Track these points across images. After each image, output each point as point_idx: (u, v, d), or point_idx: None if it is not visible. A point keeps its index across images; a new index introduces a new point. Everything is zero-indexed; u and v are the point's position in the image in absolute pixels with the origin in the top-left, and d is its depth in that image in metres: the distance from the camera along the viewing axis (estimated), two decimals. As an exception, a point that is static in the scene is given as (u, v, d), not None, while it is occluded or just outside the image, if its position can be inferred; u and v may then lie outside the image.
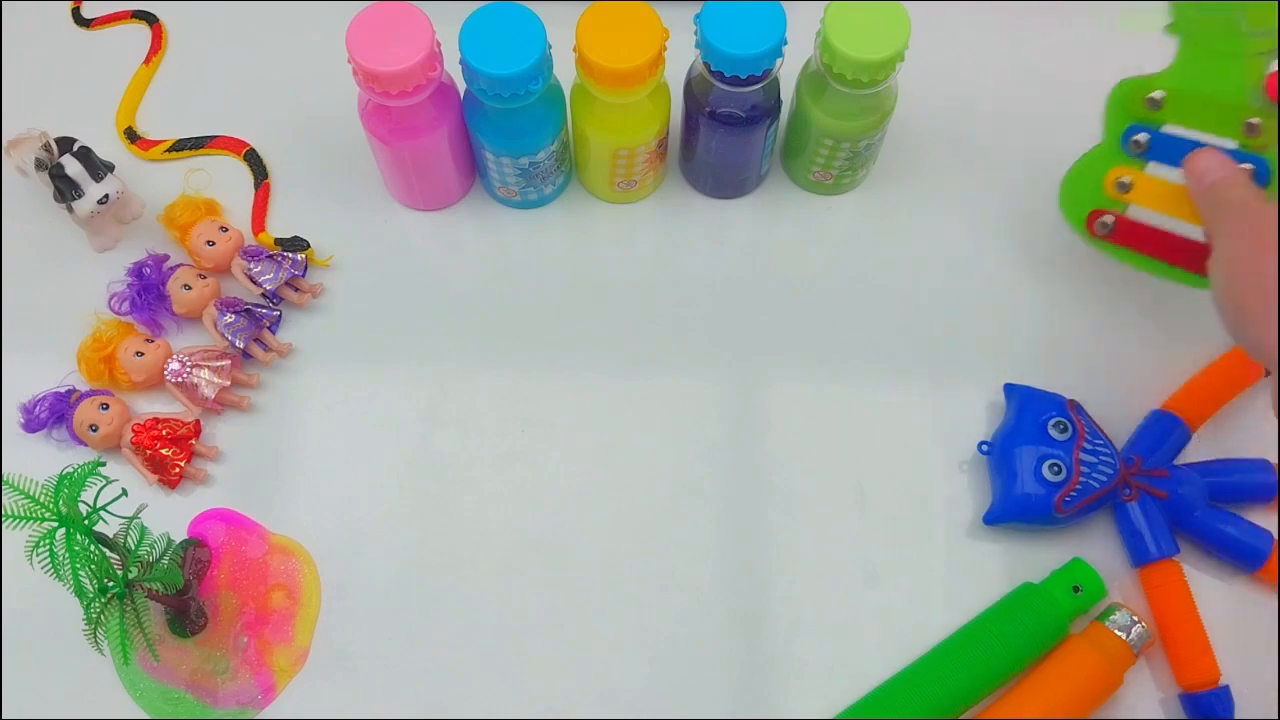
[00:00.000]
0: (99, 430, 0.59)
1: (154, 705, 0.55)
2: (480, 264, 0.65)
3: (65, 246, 0.64)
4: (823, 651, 0.57)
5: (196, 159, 0.67)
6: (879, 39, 0.55)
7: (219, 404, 0.60)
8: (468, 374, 0.62)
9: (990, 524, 0.58)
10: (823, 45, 0.57)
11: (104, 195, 0.61)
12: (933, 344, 0.63)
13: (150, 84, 0.69)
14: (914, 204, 0.66)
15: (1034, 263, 0.64)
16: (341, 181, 0.66)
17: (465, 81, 0.57)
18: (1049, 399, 0.59)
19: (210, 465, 0.60)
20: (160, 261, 0.62)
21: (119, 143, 0.67)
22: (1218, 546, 0.57)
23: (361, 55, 0.54)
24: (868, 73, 0.56)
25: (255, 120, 0.67)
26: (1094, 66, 0.60)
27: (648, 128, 0.60)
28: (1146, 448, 0.58)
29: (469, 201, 0.66)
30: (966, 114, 0.68)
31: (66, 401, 0.60)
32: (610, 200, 0.66)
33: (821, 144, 0.61)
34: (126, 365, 0.60)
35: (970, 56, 0.69)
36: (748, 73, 0.56)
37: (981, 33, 0.70)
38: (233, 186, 0.66)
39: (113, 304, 0.62)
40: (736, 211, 0.66)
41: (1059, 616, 0.55)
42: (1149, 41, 0.57)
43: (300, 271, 0.63)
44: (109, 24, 0.71)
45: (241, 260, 0.62)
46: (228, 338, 0.60)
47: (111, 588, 0.49)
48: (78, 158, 0.61)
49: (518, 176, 0.62)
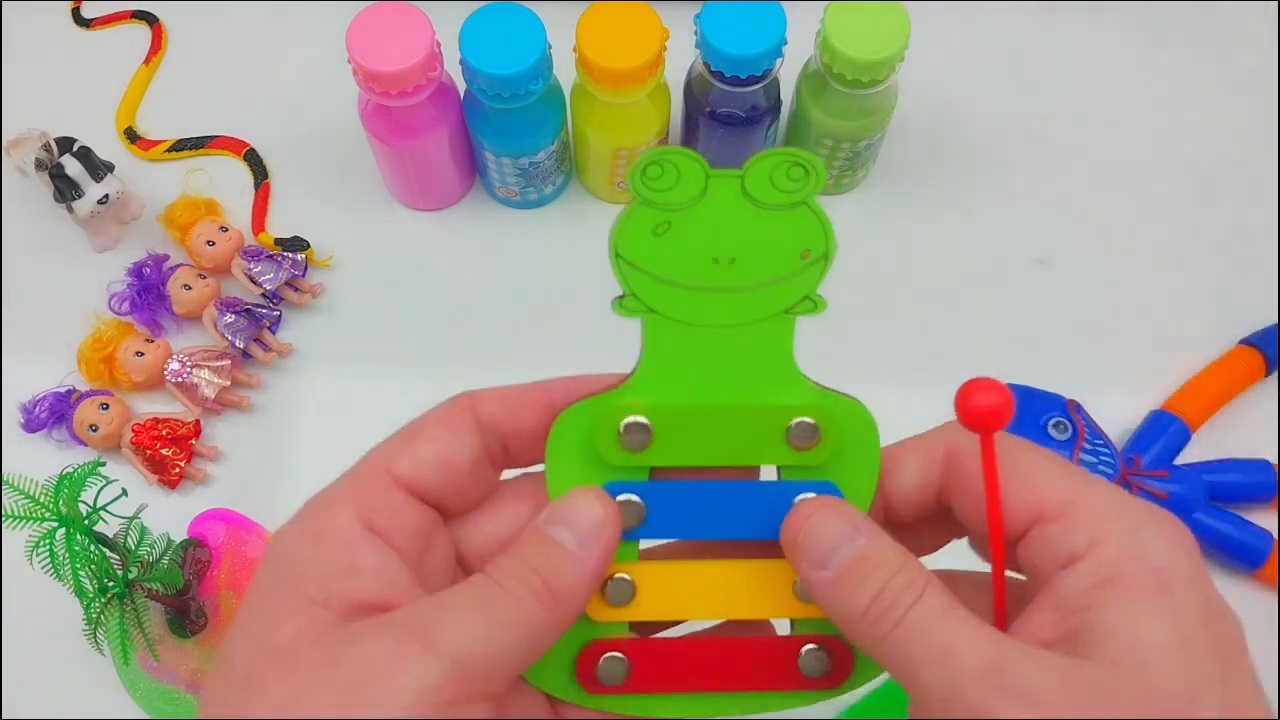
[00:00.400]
0: (99, 430, 0.59)
1: (154, 705, 0.55)
2: (480, 264, 0.65)
3: (65, 246, 0.64)
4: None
5: (196, 159, 0.67)
6: (879, 39, 0.55)
7: (219, 404, 0.60)
8: (468, 374, 0.61)
9: (990, 524, 0.58)
10: (822, 45, 0.57)
11: (104, 195, 0.61)
12: (933, 344, 0.63)
13: (150, 84, 0.69)
14: (914, 204, 0.66)
15: (1034, 262, 0.64)
16: (341, 182, 0.66)
17: (465, 81, 0.57)
18: (1049, 399, 0.59)
19: (210, 465, 0.60)
20: (160, 261, 0.62)
21: (119, 143, 0.67)
22: (1218, 546, 0.57)
23: (361, 55, 0.54)
24: (867, 73, 0.56)
25: (255, 120, 0.67)
26: (1095, 66, 0.60)
27: (648, 128, 0.60)
28: (1146, 448, 0.58)
29: (469, 201, 0.66)
30: (966, 114, 0.68)
31: (66, 401, 0.60)
32: (610, 200, 0.66)
33: (821, 144, 0.61)
34: (126, 365, 0.60)
35: (970, 57, 0.69)
36: (747, 73, 0.56)
37: (982, 33, 0.70)
38: (233, 186, 0.66)
39: (113, 304, 0.62)
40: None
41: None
42: (1151, 42, 0.57)
43: (300, 271, 0.63)
44: (109, 24, 0.71)
45: (241, 260, 0.62)
46: (228, 338, 0.60)
47: (111, 588, 0.49)
48: (78, 158, 0.61)
49: (518, 176, 0.62)
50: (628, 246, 0.33)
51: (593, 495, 0.33)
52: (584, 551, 0.32)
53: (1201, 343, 0.61)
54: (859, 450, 0.34)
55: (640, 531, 0.34)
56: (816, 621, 0.34)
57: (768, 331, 0.34)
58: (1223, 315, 0.62)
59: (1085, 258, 0.63)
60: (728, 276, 0.33)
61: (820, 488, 0.34)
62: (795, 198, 0.33)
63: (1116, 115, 0.68)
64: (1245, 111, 0.68)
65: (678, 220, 0.32)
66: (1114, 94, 0.68)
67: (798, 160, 0.32)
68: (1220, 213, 0.65)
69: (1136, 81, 0.69)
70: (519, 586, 0.31)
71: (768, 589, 0.35)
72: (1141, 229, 0.65)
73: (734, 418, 0.34)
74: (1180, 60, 0.69)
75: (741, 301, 0.33)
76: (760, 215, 0.33)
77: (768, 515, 0.34)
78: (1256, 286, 0.63)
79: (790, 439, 0.34)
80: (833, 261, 0.34)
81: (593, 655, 0.34)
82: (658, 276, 0.33)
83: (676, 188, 0.32)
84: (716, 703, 0.35)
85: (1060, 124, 0.67)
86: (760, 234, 0.33)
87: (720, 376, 0.34)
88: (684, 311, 0.33)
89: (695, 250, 0.33)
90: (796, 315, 0.34)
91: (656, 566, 0.35)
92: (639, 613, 0.34)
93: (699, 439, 0.34)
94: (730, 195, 0.32)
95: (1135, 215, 0.65)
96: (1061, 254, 0.64)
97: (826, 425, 0.34)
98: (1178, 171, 0.66)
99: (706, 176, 0.32)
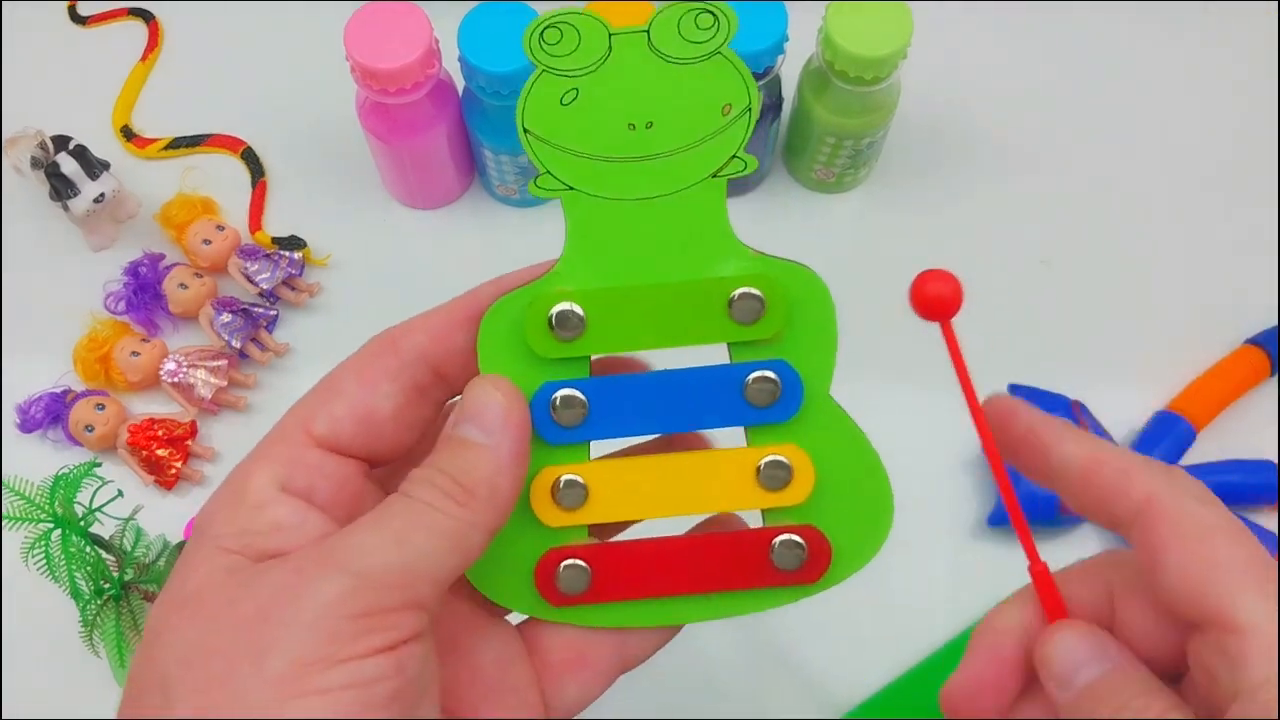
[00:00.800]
0: (95, 431, 0.58)
1: (150, 708, 0.55)
2: (479, 263, 0.64)
3: (61, 245, 0.64)
4: (824, 653, 0.56)
5: (193, 157, 0.67)
6: (881, 35, 0.55)
7: (215, 404, 0.60)
8: (467, 374, 0.62)
9: (994, 525, 0.57)
10: (825, 42, 0.56)
11: (100, 194, 0.61)
12: (934, 343, 0.62)
13: (146, 81, 0.68)
14: (916, 202, 0.65)
15: (1037, 261, 0.64)
16: (339, 180, 0.66)
17: (464, 79, 0.57)
18: (1053, 399, 0.58)
19: (207, 466, 0.60)
20: (156, 260, 0.62)
21: (115, 141, 0.66)
22: (1223, 548, 0.57)
23: (359, 52, 0.54)
24: (870, 69, 0.55)
25: (252, 118, 0.67)
26: (1096, 65, 0.60)
27: (648, 125, 0.59)
28: (1151, 448, 0.58)
29: (468, 200, 0.66)
30: (969, 112, 0.67)
31: (62, 402, 0.59)
32: (610, 199, 0.65)
33: (823, 142, 0.61)
34: (122, 365, 0.59)
35: (973, 54, 0.69)
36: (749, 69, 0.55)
37: (985, 30, 0.69)
38: (229, 185, 0.65)
39: (109, 303, 0.62)
40: (737, 210, 0.64)
41: (1062, 618, 0.54)
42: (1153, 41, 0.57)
43: (297, 270, 0.62)
44: (105, 21, 0.70)
45: (238, 259, 0.62)
46: (224, 337, 0.60)
47: (107, 589, 0.49)
48: (73, 156, 0.60)
49: (517, 175, 0.62)
50: (535, 120, 0.31)
51: (488, 383, 0.32)
52: (491, 439, 0.31)
53: (1206, 343, 0.61)
54: (812, 321, 0.33)
55: (584, 430, 0.33)
56: (790, 510, 0.33)
57: (697, 198, 0.32)
58: (1228, 315, 0.62)
59: (1089, 257, 0.63)
60: (646, 142, 0.31)
61: (773, 366, 0.32)
62: (707, 48, 0.31)
63: (1120, 113, 0.67)
64: (1249, 109, 0.68)
65: (585, 86, 0.31)
66: (1117, 92, 0.68)
67: (705, 8, 0.30)
68: (1225, 212, 0.65)
69: (1140, 79, 0.68)
70: (427, 491, 0.30)
71: (731, 480, 0.33)
72: (1146, 227, 0.65)
73: (670, 295, 0.32)
74: (1185, 58, 0.69)
75: (665, 168, 0.31)
76: (673, 71, 0.31)
77: (723, 401, 0.32)
78: (1262, 286, 0.63)
79: (734, 313, 0.32)
80: (757, 115, 0.32)
81: (551, 564, 0.33)
82: (572, 149, 0.31)
83: (578, 51, 0.30)
84: (687, 607, 0.34)
85: (1063, 122, 0.67)
86: (675, 92, 0.31)
87: (652, 253, 0.32)
88: (605, 185, 0.31)
89: (608, 117, 0.31)
90: (726, 177, 0.32)
91: (608, 465, 0.33)
92: (594, 515, 0.33)
93: (635, 322, 0.32)
94: (638, 53, 0.31)
95: (1139, 214, 0.65)
96: (1065, 253, 0.64)
97: (772, 295, 0.32)
98: (1183, 170, 0.66)
99: (609, 35, 0.30)
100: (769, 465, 0.33)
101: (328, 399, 0.33)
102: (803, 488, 0.33)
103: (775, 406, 0.33)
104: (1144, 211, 0.65)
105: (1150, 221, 0.65)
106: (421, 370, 0.33)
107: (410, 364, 0.33)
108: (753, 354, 0.33)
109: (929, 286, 0.31)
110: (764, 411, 0.33)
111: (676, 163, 0.31)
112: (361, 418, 0.33)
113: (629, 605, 0.33)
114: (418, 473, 0.31)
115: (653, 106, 0.31)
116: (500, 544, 0.32)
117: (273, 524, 0.31)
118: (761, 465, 0.33)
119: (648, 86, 0.31)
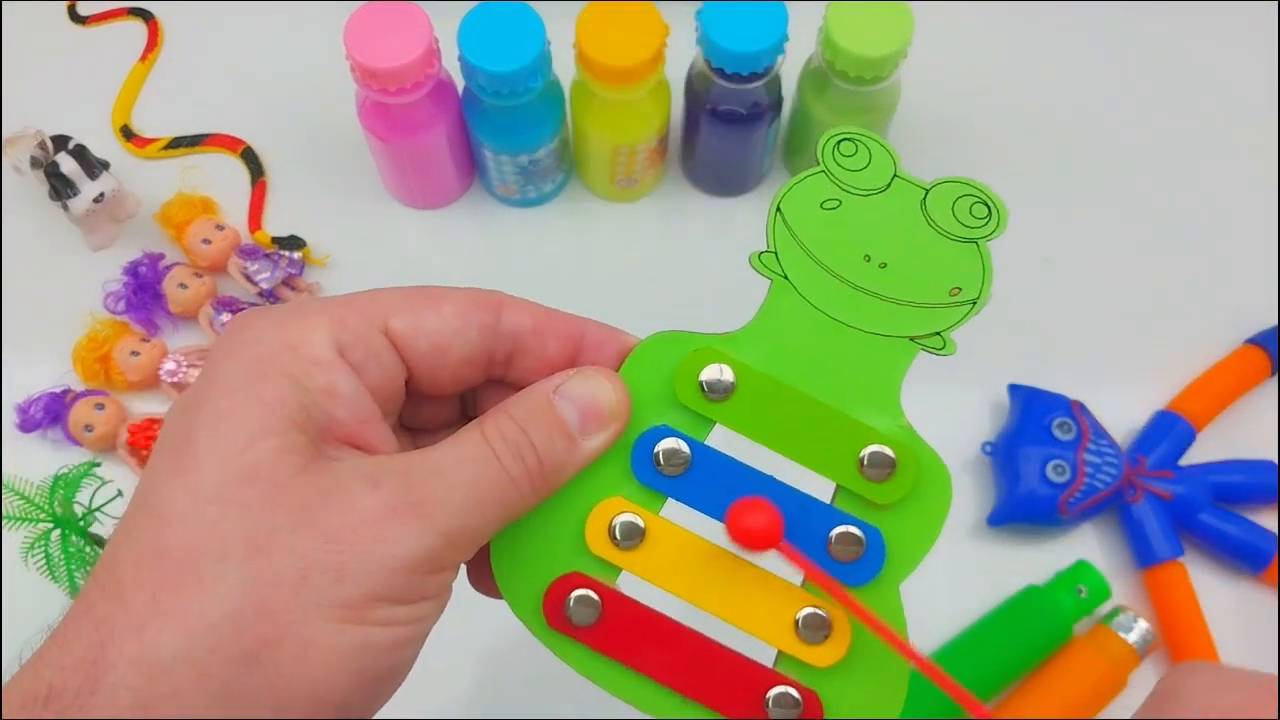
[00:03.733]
0: (94, 431, 0.58)
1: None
2: (479, 263, 0.64)
3: (61, 245, 0.64)
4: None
5: (192, 157, 0.66)
6: (882, 35, 0.55)
7: (215, 404, 0.60)
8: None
9: (994, 525, 0.57)
10: (825, 41, 0.56)
11: (99, 193, 0.61)
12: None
13: (146, 81, 0.68)
14: (916, 202, 0.65)
15: (1038, 260, 0.64)
16: (339, 180, 0.66)
17: (464, 78, 0.57)
18: (1053, 399, 0.58)
19: (207, 466, 0.60)
20: (156, 260, 0.62)
21: (114, 140, 0.66)
22: (1223, 548, 0.57)
23: (359, 52, 0.54)
24: (870, 69, 0.55)
25: (252, 118, 0.67)
26: (1097, 65, 0.60)
27: (648, 125, 0.59)
28: (1151, 448, 0.58)
29: (468, 200, 0.66)
30: (969, 112, 0.67)
31: (62, 402, 0.59)
32: (610, 198, 0.65)
33: (823, 142, 0.61)
34: (122, 365, 0.59)
35: (974, 54, 0.68)
36: (749, 69, 0.55)
37: (985, 30, 0.69)
38: (229, 184, 0.65)
39: (108, 303, 0.62)
40: (737, 209, 0.65)
41: (1063, 619, 0.55)
42: (1154, 41, 0.56)
43: (297, 270, 0.62)
44: (104, 21, 0.70)
45: (238, 259, 0.62)
46: (224, 337, 0.60)
47: (106, 590, 0.49)
48: (73, 155, 0.60)
49: (517, 174, 0.62)
50: (792, 206, 0.32)
51: (605, 377, 0.31)
52: (582, 436, 0.31)
53: (1206, 342, 0.61)
54: (924, 511, 0.33)
55: (672, 485, 0.32)
56: (801, 666, 0.33)
57: (887, 349, 0.32)
58: (1228, 315, 0.62)
59: (1089, 256, 0.63)
60: (874, 278, 0.32)
61: (867, 531, 0.32)
62: (970, 234, 0.32)
63: (1121, 113, 0.67)
64: (1249, 109, 0.68)
65: (850, 204, 0.32)
66: (1118, 92, 0.68)
67: (987, 199, 0.32)
68: (1225, 211, 0.65)
69: (1141, 79, 0.68)
70: (515, 464, 0.30)
71: (773, 610, 0.33)
72: (1146, 227, 0.65)
73: (817, 415, 0.32)
74: (1185, 58, 0.69)
75: (876, 309, 0.32)
76: (930, 235, 0.32)
77: (806, 535, 0.32)
78: (1262, 286, 0.63)
79: (863, 463, 0.32)
80: (980, 311, 0.33)
81: (568, 585, 0.32)
82: (806, 248, 0.32)
83: (864, 171, 0.32)
84: (665, 702, 0.33)
85: (1064, 121, 0.67)
86: (921, 253, 0.32)
87: (822, 370, 0.32)
88: (817, 293, 0.32)
89: (854, 239, 0.32)
90: (921, 347, 0.33)
91: (675, 529, 0.33)
92: (635, 566, 0.32)
93: (773, 419, 0.32)
94: (908, 202, 0.32)
95: (1140, 213, 0.65)
96: (1066, 253, 0.64)
97: (904, 465, 0.32)
98: (1184, 169, 0.66)
99: (894, 173, 0.32)
100: (811, 617, 0.33)
101: (421, 306, 0.31)
102: (831, 654, 0.33)
103: (848, 566, 0.33)
104: (1145, 210, 0.65)
105: (1151, 221, 0.65)
106: (506, 341, 0.32)
107: (500, 335, 0.32)
108: (856, 509, 0.33)
109: (746, 518, 0.30)
110: (835, 565, 0.33)
111: (888, 310, 0.32)
112: (438, 345, 0.31)
113: (612, 666, 0.32)
114: (510, 430, 0.30)
115: (896, 253, 0.32)
116: (536, 540, 0.32)
117: (328, 387, 0.29)
118: (805, 615, 0.33)
119: (901, 234, 0.32)
